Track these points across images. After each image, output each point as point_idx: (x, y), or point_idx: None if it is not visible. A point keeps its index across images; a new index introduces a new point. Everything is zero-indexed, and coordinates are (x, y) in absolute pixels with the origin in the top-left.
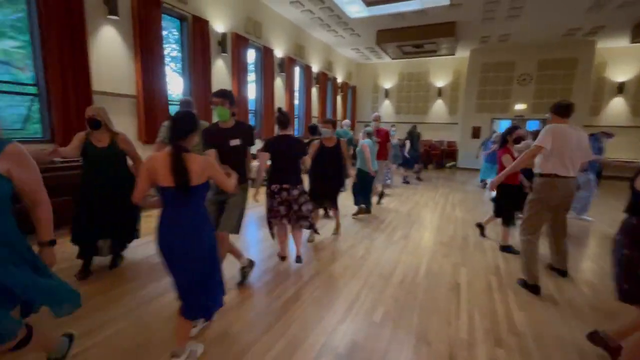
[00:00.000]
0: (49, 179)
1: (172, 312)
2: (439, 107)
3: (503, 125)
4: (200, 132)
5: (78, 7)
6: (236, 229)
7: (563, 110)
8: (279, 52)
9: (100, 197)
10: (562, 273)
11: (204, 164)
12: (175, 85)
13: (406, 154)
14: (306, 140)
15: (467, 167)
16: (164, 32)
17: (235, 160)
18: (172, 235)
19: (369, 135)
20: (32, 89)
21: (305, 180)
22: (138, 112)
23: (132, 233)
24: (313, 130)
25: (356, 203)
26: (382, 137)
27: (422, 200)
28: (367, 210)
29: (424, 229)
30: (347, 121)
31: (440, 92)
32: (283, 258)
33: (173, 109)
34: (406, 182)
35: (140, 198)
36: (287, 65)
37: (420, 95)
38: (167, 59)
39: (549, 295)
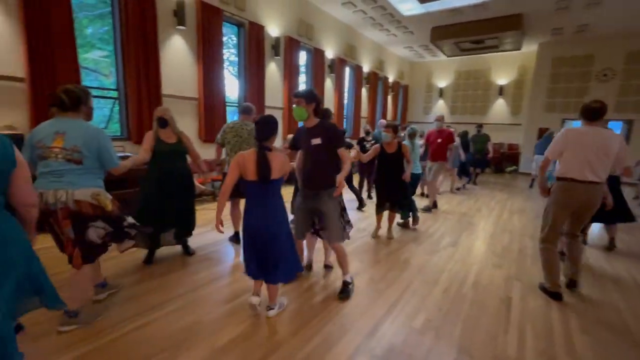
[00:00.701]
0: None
1: (223, 295)
2: (499, 106)
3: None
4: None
5: (153, 20)
6: (342, 237)
7: (588, 114)
8: (329, 53)
9: (166, 189)
10: (570, 283)
11: (283, 161)
12: (232, 87)
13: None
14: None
15: (530, 172)
16: (224, 38)
17: (317, 159)
18: (256, 220)
19: (410, 136)
20: (114, 93)
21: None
22: (199, 113)
23: (192, 223)
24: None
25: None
26: (444, 138)
27: (476, 206)
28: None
29: (475, 237)
30: (382, 121)
31: (501, 91)
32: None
33: (230, 111)
34: (457, 189)
35: (229, 188)
36: (337, 66)
37: (478, 94)
38: (225, 64)
39: (622, 322)
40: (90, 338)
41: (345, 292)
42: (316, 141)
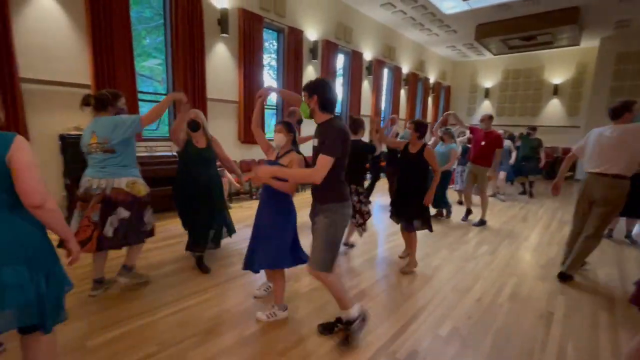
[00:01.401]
0: (149, 172)
1: (253, 288)
2: (554, 107)
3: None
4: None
5: (200, 30)
6: (323, 266)
7: (610, 113)
8: (367, 55)
9: (196, 193)
10: (561, 276)
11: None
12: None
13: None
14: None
15: None
16: (265, 44)
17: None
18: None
19: (442, 138)
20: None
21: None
22: (239, 116)
23: (230, 226)
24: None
25: (435, 206)
26: (490, 141)
27: (520, 214)
28: (447, 214)
29: (517, 247)
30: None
31: (556, 90)
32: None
33: (268, 113)
34: (502, 194)
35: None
36: (375, 67)
37: (529, 94)
38: (265, 68)
39: None
40: (127, 320)
41: (346, 341)
42: (315, 142)
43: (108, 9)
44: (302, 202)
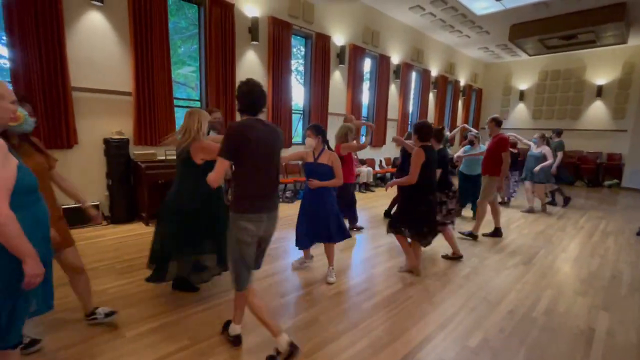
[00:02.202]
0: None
1: (279, 289)
2: (597, 110)
3: None
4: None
5: (231, 38)
6: (232, 282)
7: None
8: (395, 59)
9: (206, 206)
10: None
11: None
12: (298, 94)
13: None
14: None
15: (637, 188)
16: (293, 50)
17: None
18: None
19: (471, 142)
20: (197, 104)
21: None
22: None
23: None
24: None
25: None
26: (492, 145)
27: (559, 223)
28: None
29: (555, 258)
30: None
31: (600, 92)
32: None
33: (295, 118)
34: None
35: None
36: (403, 71)
37: (569, 96)
38: (293, 73)
39: None
40: (163, 314)
41: None
42: None
43: (149, 21)
44: None
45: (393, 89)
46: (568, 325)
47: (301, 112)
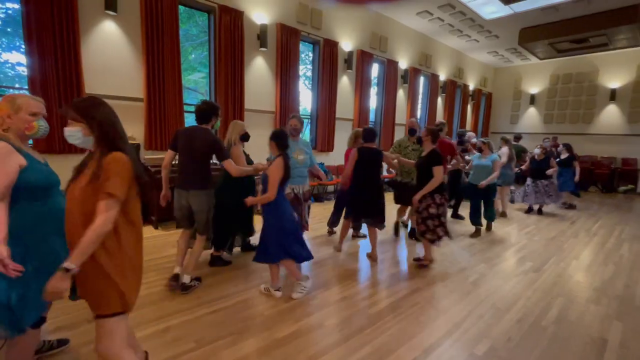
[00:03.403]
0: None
1: (286, 293)
2: (610, 114)
3: None
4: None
5: (240, 45)
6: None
7: None
8: (403, 64)
9: (238, 196)
10: None
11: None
12: (306, 99)
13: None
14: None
15: None
16: (301, 55)
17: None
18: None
19: (480, 149)
20: None
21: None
22: (275, 125)
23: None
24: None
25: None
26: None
27: (571, 229)
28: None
29: (567, 265)
30: (471, 134)
31: (613, 95)
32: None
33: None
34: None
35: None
36: (410, 76)
37: (581, 100)
38: (301, 79)
39: None
40: (170, 316)
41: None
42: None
43: (161, 29)
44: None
45: (401, 94)
46: (579, 334)
47: (309, 117)
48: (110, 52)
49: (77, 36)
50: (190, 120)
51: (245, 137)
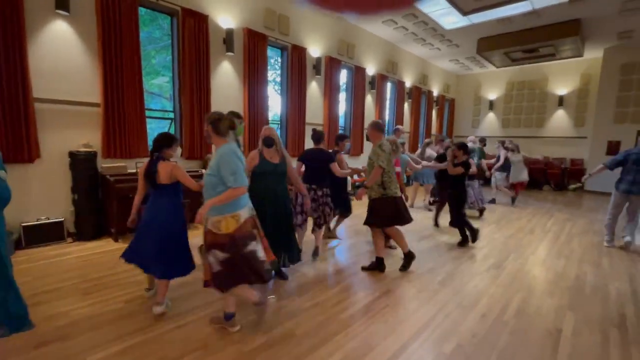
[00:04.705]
0: None
1: (250, 306)
2: (559, 118)
3: None
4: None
5: (206, 49)
6: None
7: None
8: (370, 70)
9: (269, 210)
10: None
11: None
12: (276, 105)
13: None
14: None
15: (598, 191)
16: (270, 61)
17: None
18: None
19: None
20: (172, 114)
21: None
22: (243, 131)
23: (298, 251)
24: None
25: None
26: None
27: (528, 226)
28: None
29: (524, 260)
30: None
31: (561, 101)
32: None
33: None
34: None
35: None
36: (378, 82)
37: (534, 105)
38: (271, 84)
39: None
40: (130, 335)
41: None
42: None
43: (119, 31)
44: None
45: (369, 99)
46: (537, 326)
47: (278, 122)
48: (62, 54)
49: (23, 37)
50: (153, 125)
51: (265, 141)
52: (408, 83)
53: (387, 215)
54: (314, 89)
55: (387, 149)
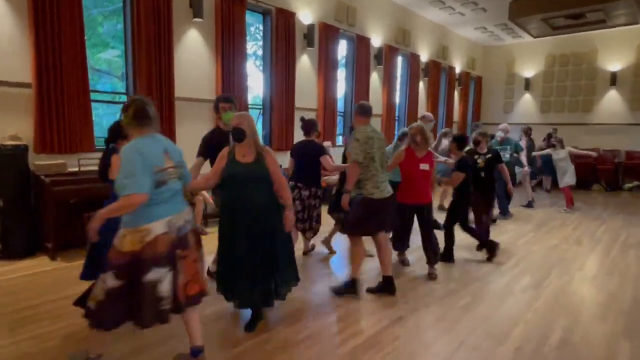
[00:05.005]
0: None
1: (228, 335)
2: (611, 101)
3: None
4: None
5: (168, 14)
6: None
7: None
8: (376, 41)
9: (244, 233)
10: None
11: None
12: (257, 85)
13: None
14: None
15: None
16: (250, 29)
17: None
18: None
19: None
20: (124, 97)
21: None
22: (214, 118)
23: (294, 275)
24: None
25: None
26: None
27: (574, 235)
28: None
29: (569, 278)
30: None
31: (614, 80)
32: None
33: (253, 113)
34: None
35: None
36: (386, 55)
37: (580, 85)
38: (251, 58)
39: None
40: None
41: None
42: None
43: None
44: None
45: (375, 77)
46: (584, 358)
47: (261, 106)
48: None
49: None
50: (100, 112)
51: (234, 134)
52: (424, 57)
53: (355, 218)
54: (305, 64)
55: (363, 138)
